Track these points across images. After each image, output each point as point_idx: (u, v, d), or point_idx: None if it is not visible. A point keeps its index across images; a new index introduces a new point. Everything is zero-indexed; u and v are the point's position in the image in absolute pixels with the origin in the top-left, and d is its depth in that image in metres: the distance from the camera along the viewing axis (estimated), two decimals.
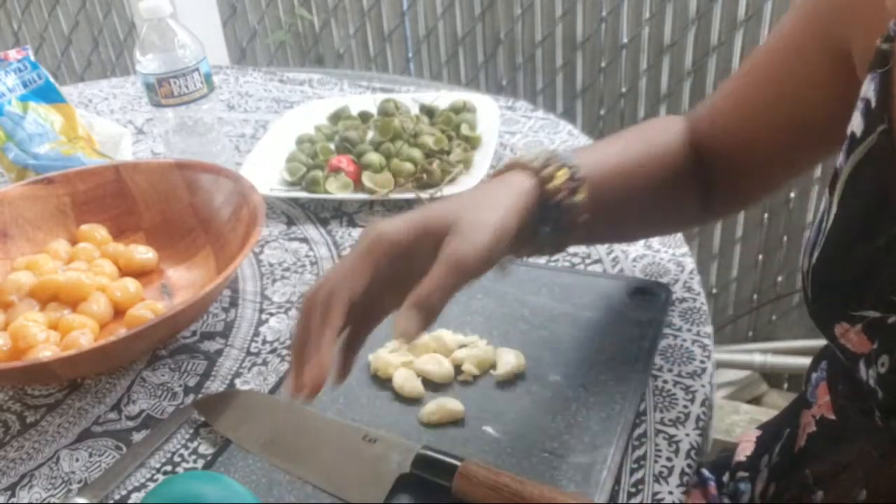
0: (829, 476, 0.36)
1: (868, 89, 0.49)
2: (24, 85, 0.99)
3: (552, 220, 0.56)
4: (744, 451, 0.72)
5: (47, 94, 1.00)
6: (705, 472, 0.73)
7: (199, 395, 0.64)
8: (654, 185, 0.62)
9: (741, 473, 0.70)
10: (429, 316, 0.46)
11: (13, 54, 1.00)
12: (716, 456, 0.76)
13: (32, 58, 1.01)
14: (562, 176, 0.55)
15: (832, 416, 0.57)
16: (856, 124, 0.50)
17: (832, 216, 0.51)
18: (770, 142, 0.61)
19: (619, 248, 0.76)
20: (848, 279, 0.49)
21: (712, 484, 0.73)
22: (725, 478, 0.72)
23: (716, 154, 0.63)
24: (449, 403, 0.58)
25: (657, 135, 0.65)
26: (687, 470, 0.53)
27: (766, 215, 1.72)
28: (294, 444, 0.57)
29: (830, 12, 0.54)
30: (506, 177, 0.55)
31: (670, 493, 0.52)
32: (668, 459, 0.54)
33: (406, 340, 0.46)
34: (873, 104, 0.48)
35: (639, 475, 0.53)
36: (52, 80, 1.01)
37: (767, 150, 0.62)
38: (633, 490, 0.52)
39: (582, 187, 0.56)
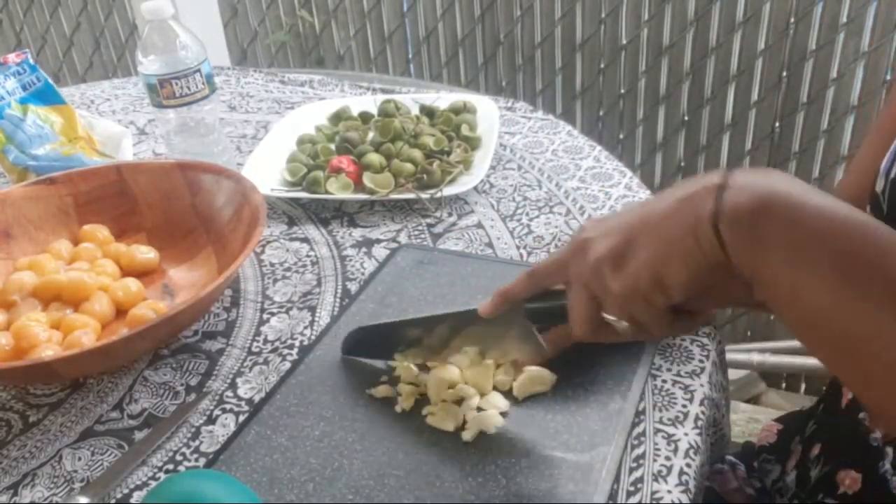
0: None
1: None
2: (24, 88, 0.99)
3: None
4: (766, 439, 0.77)
5: (46, 96, 1.00)
6: (732, 458, 0.77)
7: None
8: None
9: (767, 456, 0.75)
10: None
11: (12, 58, 1.01)
12: (741, 447, 0.80)
13: (32, 60, 1.01)
14: None
15: None
16: None
17: None
18: None
19: None
20: None
21: (741, 468, 0.76)
22: (755, 464, 0.77)
23: None
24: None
25: None
26: (686, 469, 0.53)
27: None
28: None
29: None
30: None
31: (669, 492, 0.52)
32: (667, 458, 0.54)
33: None
34: None
35: (637, 474, 0.53)
36: (51, 81, 1.01)
37: None
38: (631, 489, 0.52)
39: None
